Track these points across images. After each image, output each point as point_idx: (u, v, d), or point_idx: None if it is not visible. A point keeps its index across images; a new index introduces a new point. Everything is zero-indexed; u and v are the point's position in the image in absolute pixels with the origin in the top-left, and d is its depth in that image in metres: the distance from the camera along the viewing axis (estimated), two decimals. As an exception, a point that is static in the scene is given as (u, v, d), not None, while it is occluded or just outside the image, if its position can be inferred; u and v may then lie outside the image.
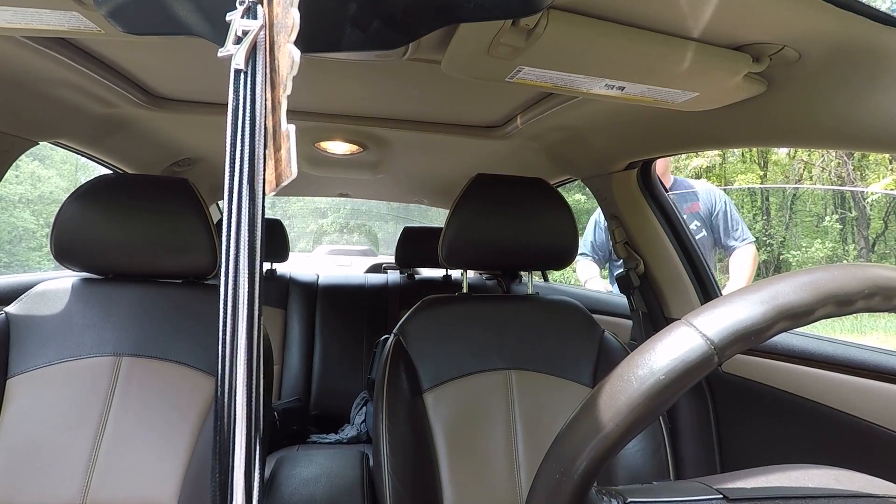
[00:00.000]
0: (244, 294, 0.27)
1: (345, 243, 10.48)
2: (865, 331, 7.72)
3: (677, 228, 1.30)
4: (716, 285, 1.28)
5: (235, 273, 0.27)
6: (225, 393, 0.27)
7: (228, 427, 0.26)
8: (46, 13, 0.59)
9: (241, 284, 0.27)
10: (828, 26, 0.56)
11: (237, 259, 0.27)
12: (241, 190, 0.28)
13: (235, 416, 0.26)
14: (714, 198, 1.97)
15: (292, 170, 0.27)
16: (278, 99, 0.29)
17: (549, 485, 0.31)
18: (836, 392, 0.89)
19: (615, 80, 0.69)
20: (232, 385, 0.27)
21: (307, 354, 1.84)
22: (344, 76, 0.96)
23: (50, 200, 9.46)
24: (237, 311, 0.27)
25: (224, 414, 0.27)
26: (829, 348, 0.93)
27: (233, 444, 0.26)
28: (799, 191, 12.22)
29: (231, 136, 0.29)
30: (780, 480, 0.39)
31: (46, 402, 0.85)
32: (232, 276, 0.27)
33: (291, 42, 0.28)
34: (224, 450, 0.26)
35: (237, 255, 0.27)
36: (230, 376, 0.27)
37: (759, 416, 1.00)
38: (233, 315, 0.27)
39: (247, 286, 0.27)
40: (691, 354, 0.30)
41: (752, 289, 0.33)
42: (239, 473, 0.26)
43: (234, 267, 0.27)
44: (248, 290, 0.27)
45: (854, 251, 11.93)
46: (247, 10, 0.30)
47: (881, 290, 0.32)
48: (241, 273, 0.27)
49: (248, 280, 0.27)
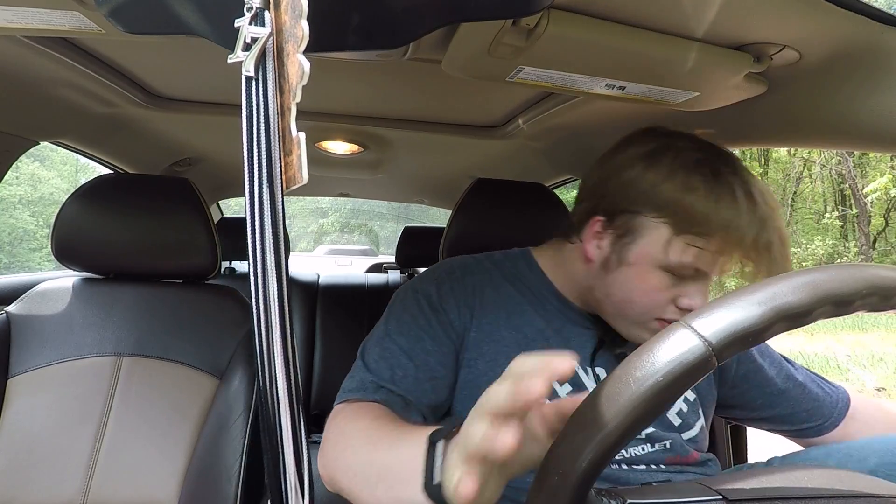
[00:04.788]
0: (273, 293, 0.29)
1: (345, 243, 10.49)
2: (867, 328, 7.72)
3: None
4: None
5: (264, 274, 0.29)
6: (267, 391, 0.29)
7: (274, 415, 0.29)
8: (47, 13, 0.59)
9: (271, 284, 0.29)
10: (829, 26, 0.56)
11: (264, 260, 0.29)
12: (262, 193, 0.29)
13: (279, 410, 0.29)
14: None
15: (303, 175, 0.29)
16: (287, 105, 0.29)
17: (548, 486, 0.31)
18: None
19: (616, 80, 0.69)
20: (273, 382, 0.29)
21: (307, 354, 1.84)
22: (344, 76, 0.96)
23: (50, 202, 9.47)
24: (269, 311, 0.29)
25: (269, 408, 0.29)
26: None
27: (281, 436, 0.29)
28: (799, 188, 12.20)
29: (247, 141, 0.30)
30: (780, 481, 0.39)
31: (47, 402, 0.85)
32: (261, 277, 0.29)
33: (301, 52, 0.28)
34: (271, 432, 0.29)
35: (264, 256, 0.29)
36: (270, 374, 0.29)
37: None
38: (265, 314, 0.29)
39: (276, 286, 0.29)
40: (689, 356, 0.30)
41: (750, 290, 0.33)
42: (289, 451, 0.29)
43: (262, 268, 0.29)
44: (278, 289, 0.29)
45: (854, 248, 11.92)
46: (254, 16, 0.30)
47: (879, 290, 0.32)
48: (269, 273, 0.29)
49: (276, 279, 0.29)
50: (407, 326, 0.68)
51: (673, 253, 0.62)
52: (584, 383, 0.68)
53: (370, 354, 0.67)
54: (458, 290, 0.70)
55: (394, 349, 0.66)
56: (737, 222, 0.60)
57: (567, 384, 0.68)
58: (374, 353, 0.66)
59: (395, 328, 0.68)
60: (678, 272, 0.62)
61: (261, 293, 0.29)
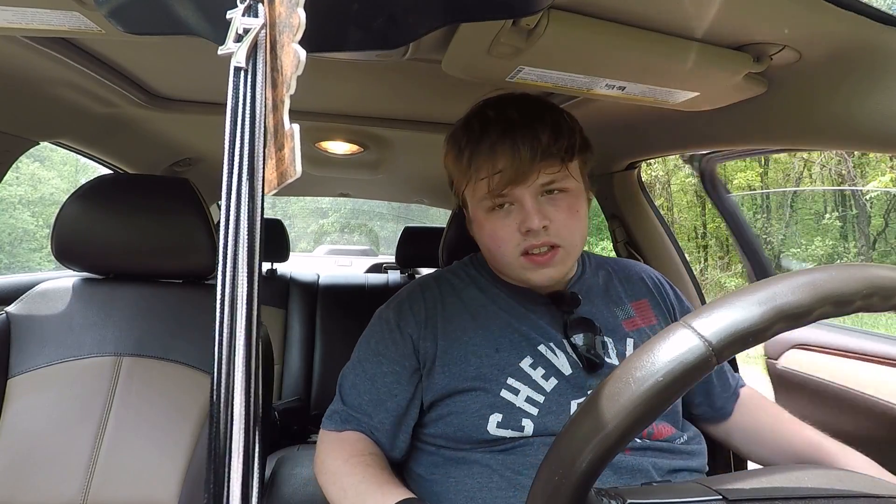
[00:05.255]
0: (242, 294, 0.27)
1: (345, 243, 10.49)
2: (867, 328, 7.70)
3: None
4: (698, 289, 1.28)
5: (234, 272, 0.27)
6: (221, 398, 0.26)
7: (225, 435, 0.25)
8: (47, 13, 0.59)
9: (240, 284, 0.27)
10: (828, 26, 0.56)
11: (235, 258, 0.27)
12: (241, 188, 0.27)
13: (233, 424, 0.25)
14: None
15: (296, 169, 0.27)
16: (280, 98, 0.29)
17: (548, 486, 0.31)
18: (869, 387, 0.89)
19: (615, 80, 0.69)
20: (229, 390, 0.26)
21: (307, 354, 1.84)
22: (344, 76, 0.96)
23: (50, 202, 9.47)
24: (235, 312, 0.27)
25: (220, 420, 0.25)
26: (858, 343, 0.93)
27: (229, 453, 0.25)
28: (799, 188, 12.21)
29: (230, 133, 0.28)
30: (780, 481, 0.39)
31: (47, 402, 0.85)
32: (230, 275, 0.27)
33: (297, 42, 0.28)
34: (220, 458, 0.25)
35: (235, 253, 0.27)
36: (227, 380, 0.26)
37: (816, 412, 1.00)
38: (230, 315, 0.27)
39: (245, 286, 0.27)
40: (689, 356, 0.30)
41: (751, 290, 0.33)
42: (236, 486, 0.24)
43: (233, 266, 0.27)
44: (247, 289, 0.27)
45: (854, 249, 11.92)
46: (247, 8, 0.30)
47: (879, 290, 0.32)
48: (240, 272, 0.27)
49: (246, 279, 0.27)
50: (371, 352, 0.75)
51: (478, 195, 0.72)
52: (554, 363, 0.70)
53: (345, 383, 0.76)
54: (417, 307, 0.76)
55: (362, 376, 0.74)
56: (482, 145, 0.70)
57: (540, 367, 0.69)
58: (347, 381, 0.76)
59: (364, 355, 0.76)
60: (496, 206, 0.70)
61: (227, 297, 0.27)
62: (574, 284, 0.79)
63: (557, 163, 0.68)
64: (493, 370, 0.68)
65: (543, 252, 0.69)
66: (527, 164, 0.66)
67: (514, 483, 0.64)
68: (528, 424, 0.66)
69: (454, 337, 0.72)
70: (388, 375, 0.72)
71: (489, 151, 0.68)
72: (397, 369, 0.72)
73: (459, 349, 0.71)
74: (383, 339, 0.75)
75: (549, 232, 0.68)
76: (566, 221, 0.69)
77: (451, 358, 0.71)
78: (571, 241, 0.70)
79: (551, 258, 0.69)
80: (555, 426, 0.65)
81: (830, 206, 12.64)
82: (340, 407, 0.74)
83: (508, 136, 0.67)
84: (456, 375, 0.69)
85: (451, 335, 0.72)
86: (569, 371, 0.69)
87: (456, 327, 0.73)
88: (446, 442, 0.70)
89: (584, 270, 0.81)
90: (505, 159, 0.67)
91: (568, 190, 0.70)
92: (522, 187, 0.68)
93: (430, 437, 0.72)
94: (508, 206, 0.70)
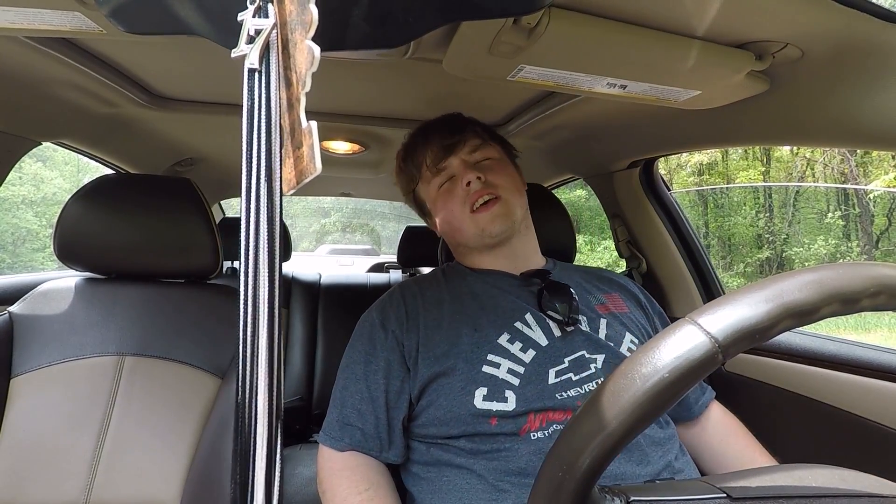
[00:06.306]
0: (264, 294, 0.27)
1: (347, 243, 10.50)
2: (870, 328, 7.69)
3: (680, 227, 1.30)
4: (719, 284, 1.28)
5: (255, 272, 0.27)
6: (246, 395, 0.27)
7: (250, 429, 0.26)
8: (48, 13, 0.59)
9: (262, 284, 0.27)
10: (831, 24, 0.56)
11: (256, 258, 0.27)
12: (260, 189, 0.28)
13: (257, 419, 0.26)
14: None
15: (316, 165, 0.27)
16: (296, 96, 0.29)
17: (551, 482, 0.31)
18: (839, 392, 0.88)
19: (617, 79, 0.69)
20: (253, 387, 0.26)
21: (309, 354, 1.84)
22: (345, 75, 0.96)
23: (53, 202, 9.49)
24: (258, 312, 0.27)
25: (245, 415, 0.26)
26: (833, 347, 0.92)
27: (254, 447, 0.26)
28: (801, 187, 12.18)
29: (247, 135, 0.28)
30: (785, 480, 0.39)
31: (50, 402, 0.85)
32: (252, 275, 0.27)
33: (310, 38, 0.28)
34: (245, 451, 0.26)
35: (256, 254, 0.27)
36: (251, 379, 0.27)
37: (762, 415, 1.00)
38: (253, 316, 0.27)
39: (267, 285, 0.27)
40: (695, 352, 0.30)
41: (757, 287, 0.32)
42: (260, 476, 0.26)
43: (254, 266, 0.27)
44: (269, 289, 0.27)
45: (857, 248, 11.89)
46: (258, 9, 0.30)
47: (886, 289, 0.32)
48: (262, 272, 0.27)
49: (268, 279, 0.27)
50: (358, 353, 0.79)
51: (425, 181, 0.89)
52: (531, 336, 0.74)
53: (338, 385, 0.79)
54: (396, 305, 0.81)
55: (352, 378, 0.77)
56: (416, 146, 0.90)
57: (517, 341, 0.73)
58: (339, 384, 0.79)
59: (352, 357, 0.80)
60: (442, 184, 0.86)
61: (250, 295, 0.27)
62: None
63: (478, 139, 0.87)
64: (472, 348, 0.72)
65: (486, 201, 0.81)
66: (454, 138, 0.85)
67: (499, 488, 0.65)
68: (510, 396, 0.68)
69: (434, 325, 0.77)
70: (377, 372, 0.75)
71: (423, 143, 0.88)
72: (384, 364, 0.76)
73: (440, 334, 0.75)
74: (370, 339, 0.79)
75: (485, 182, 0.81)
76: (499, 174, 0.84)
77: (432, 344, 0.75)
78: (508, 190, 0.83)
79: (494, 204, 0.81)
80: (534, 396, 0.68)
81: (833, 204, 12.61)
82: (336, 416, 0.76)
83: (434, 130, 0.88)
84: (439, 358, 0.73)
85: (431, 324, 0.77)
86: (545, 342, 0.73)
87: (435, 316, 0.78)
88: (437, 430, 0.71)
89: (554, 265, 0.90)
90: (435, 140, 0.86)
91: (493, 157, 0.87)
92: (454, 157, 0.85)
93: (421, 429, 0.73)
94: (451, 182, 0.85)
